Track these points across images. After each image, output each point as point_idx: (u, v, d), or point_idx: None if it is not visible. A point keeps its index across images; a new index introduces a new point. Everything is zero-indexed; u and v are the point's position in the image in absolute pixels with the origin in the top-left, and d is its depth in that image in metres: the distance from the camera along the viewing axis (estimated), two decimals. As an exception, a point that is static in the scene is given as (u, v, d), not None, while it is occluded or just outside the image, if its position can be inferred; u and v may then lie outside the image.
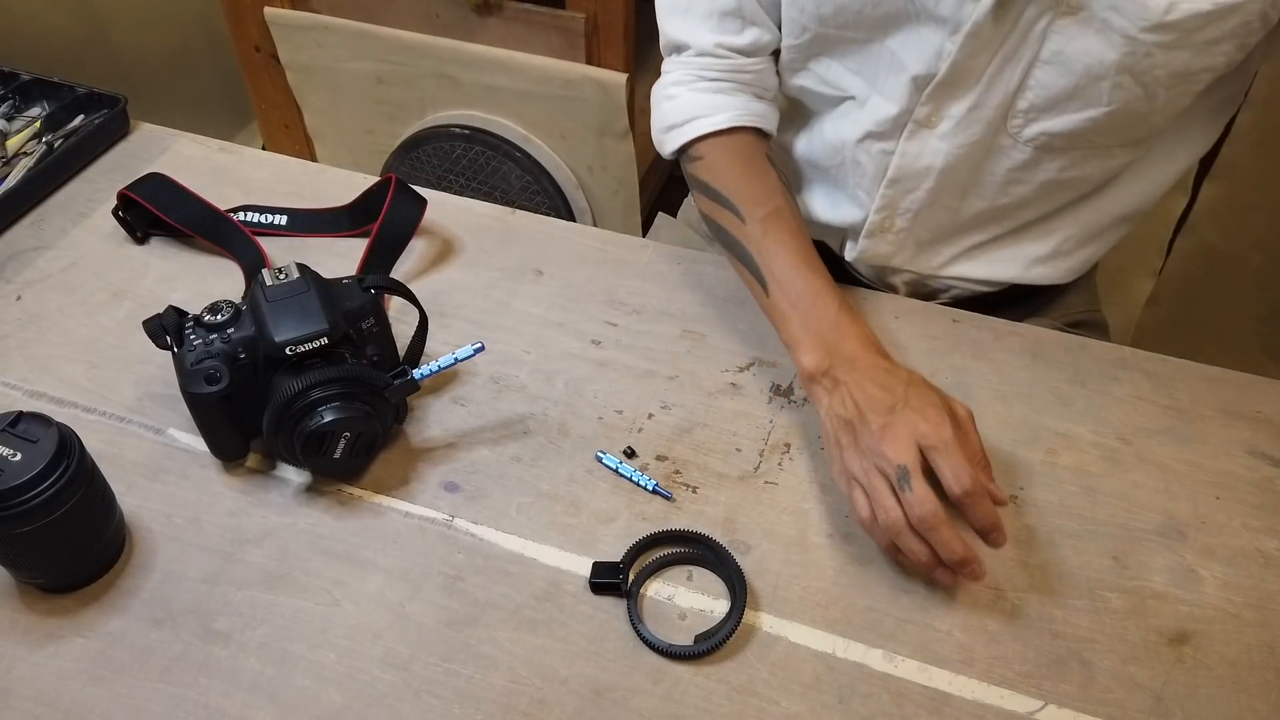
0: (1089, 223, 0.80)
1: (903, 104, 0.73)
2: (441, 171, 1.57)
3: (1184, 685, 0.58)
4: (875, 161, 0.77)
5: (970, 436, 0.62)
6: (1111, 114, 0.68)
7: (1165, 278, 1.53)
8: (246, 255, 0.83)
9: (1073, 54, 0.66)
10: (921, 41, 0.69)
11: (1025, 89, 0.69)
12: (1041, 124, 0.70)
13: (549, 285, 0.83)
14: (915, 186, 0.76)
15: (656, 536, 0.64)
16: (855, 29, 0.72)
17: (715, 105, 0.78)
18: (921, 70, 0.70)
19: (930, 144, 0.74)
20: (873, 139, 0.76)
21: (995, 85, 0.69)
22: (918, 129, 0.73)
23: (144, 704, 0.57)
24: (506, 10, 1.43)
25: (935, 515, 0.58)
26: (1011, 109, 0.70)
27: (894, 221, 0.80)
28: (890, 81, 0.73)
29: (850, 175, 0.80)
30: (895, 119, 0.74)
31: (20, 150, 0.94)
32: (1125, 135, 0.71)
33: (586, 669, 0.58)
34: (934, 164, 0.74)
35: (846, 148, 0.78)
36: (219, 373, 0.62)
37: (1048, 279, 0.83)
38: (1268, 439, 0.72)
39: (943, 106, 0.71)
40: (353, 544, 0.64)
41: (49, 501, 0.55)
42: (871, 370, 0.65)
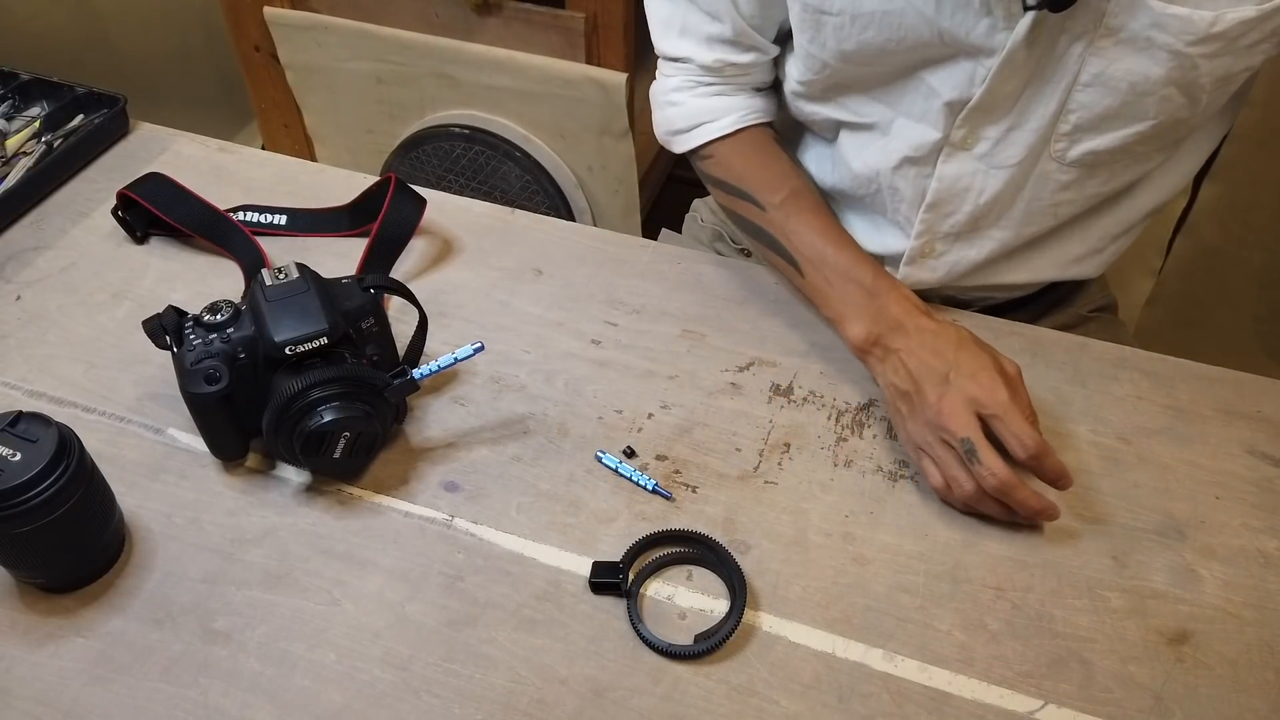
0: (1123, 220, 0.80)
1: (939, 129, 0.72)
2: (441, 171, 1.57)
3: (1183, 685, 0.58)
4: (913, 186, 0.76)
5: (1021, 393, 0.65)
6: (1157, 125, 0.67)
7: (1165, 278, 1.53)
8: (246, 255, 0.83)
9: (1115, 74, 0.65)
10: (954, 70, 0.68)
11: (1067, 112, 0.68)
12: (1086, 144, 0.69)
13: (549, 285, 0.83)
14: (955, 209, 0.75)
15: (656, 536, 0.64)
16: (880, 64, 0.71)
17: (719, 109, 0.79)
18: (955, 96, 0.69)
19: (968, 165, 0.73)
20: (909, 164, 0.75)
21: (1032, 107, 0.68)
22: (954, 151, 0.72)
23: (144, 704, 0.57)
24: (506, 10, 1.43)
25: (1008, 483, 0.61)
26: (1054, 133, 0.69)
27: (934, 247, 0.78)
28: (921, 107, 0.72)
29: (888, 202, 0.78)
30: (932, 144, 0.73)
31: (20, 150, 0.94)
32: (1166, 140, 0.71)
33: (586, 669, 0.58)
34: (973, 185, 0.73)
35: (882, 176, 0.77)
36: (219, 372, 0.62)
37: (1084, 275, 0.83)
38: (1268, 439, 0.72)
39: (979, 129, 0.71)
40: (353, 544, 0.64)
41: (49, 501, 0.55)
42: (920, 334, 0.67)
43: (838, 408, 0.73)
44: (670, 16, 0.78)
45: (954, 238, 0.77)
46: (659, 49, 0.81)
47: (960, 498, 0.64)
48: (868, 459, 0.70)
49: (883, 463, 0.70)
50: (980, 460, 0.62)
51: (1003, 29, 0.64)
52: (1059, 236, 0.79)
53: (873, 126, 0.76)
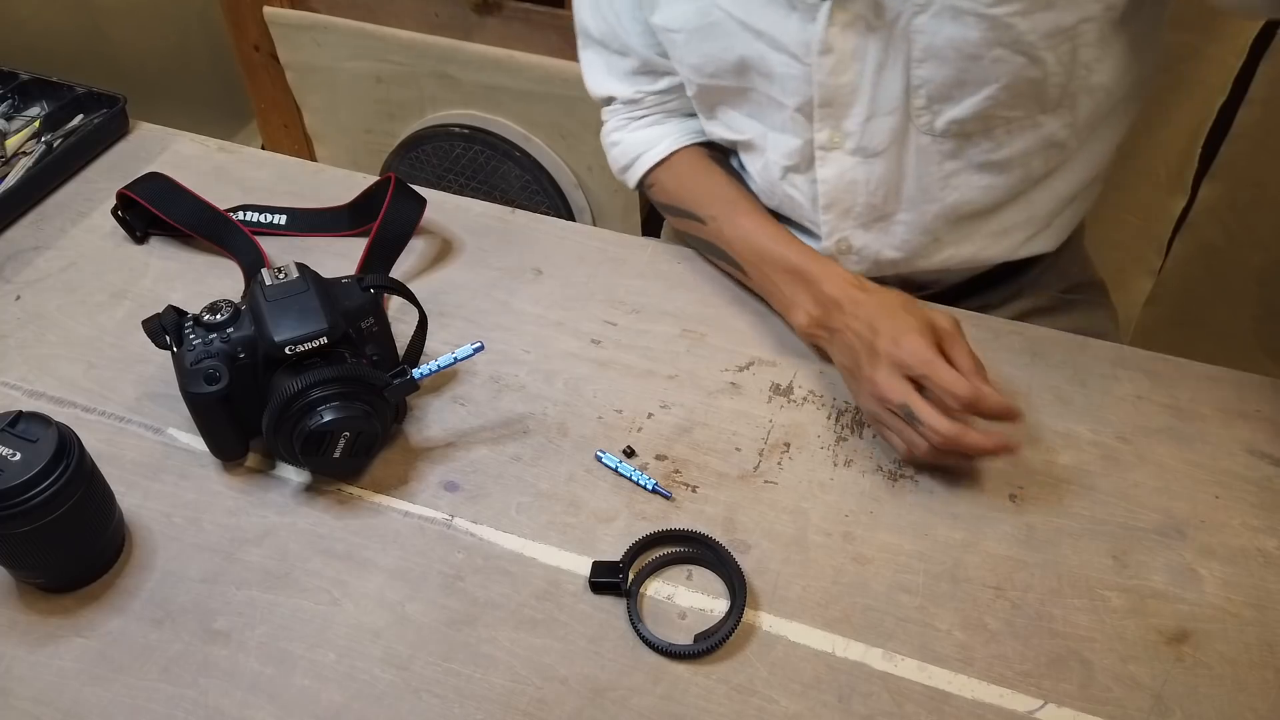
0: (1056, 193, 0.79)
1: (801, 135, 0.75)
2: (441, 171, 1.57)
3: (1183, 684, 0.58)
4: (804, 192, 0.79)
5: (959, 344, 0.65)
6: (1007, 87, 0.68)
7: (1165, 277, 1.53)
8: (246, 255, 0.83)
9: (940, 45, 0.67)
10: (786, 76, 0.72)
11: (915, 88, 0.70)
12: (948, 114, 0.70)
13: (548, 285, 0.83)
14: (851, 205, 0.77)
15: (656, 536, 0.64)
16: (727, 77, 0.75)
17: (652, 139, 0.85)
18: (799, 101, 0.73)
19: (845, 162, 0.75)
20: (792, 173, 0.79)
21: (881, 93, 0.70)
22: (826, 153, 0.75)
23: (144, 704, 0.57)
24: (506, 10, 1.43)
25: (951, 436, 0.62)
26: (912, 109, 0.71)
27: (849, 243, 0.80)
28: (778, 118, 0.76)
29: (793, 209, 0.82)
30: (801, 150, 0.76)
31: (19, 150, 0.94)
32: (1038, 103, 0.70)
33: (586, 668, 0.58)
34: (857, 178, 0.75)
35: (775, 185, 0.81)
36: (218, 372, 0.62)
37: (1036, 251, 0.83)
38: (1267, 438, 0.72)
39: (839, 125, 0.73)
40: (352, 543, 0.64)
41: (49, 501, 0.55)
42: (854, 306, 0.68)
43: (838, 407, 0.73)
44: (592, 63, 0.86)
45: (863, 230, 0.79)
46: (592, 95, 0.88)
47: (920, 456, 0.65)
48: (868, 459, 0.70)
49: (883, 463, 0.70)
50: (921, 421, 0.63)
51: (810, 22, 0.67)
52: (990, 216, 0.79)
53: (751, 144, 0.80)
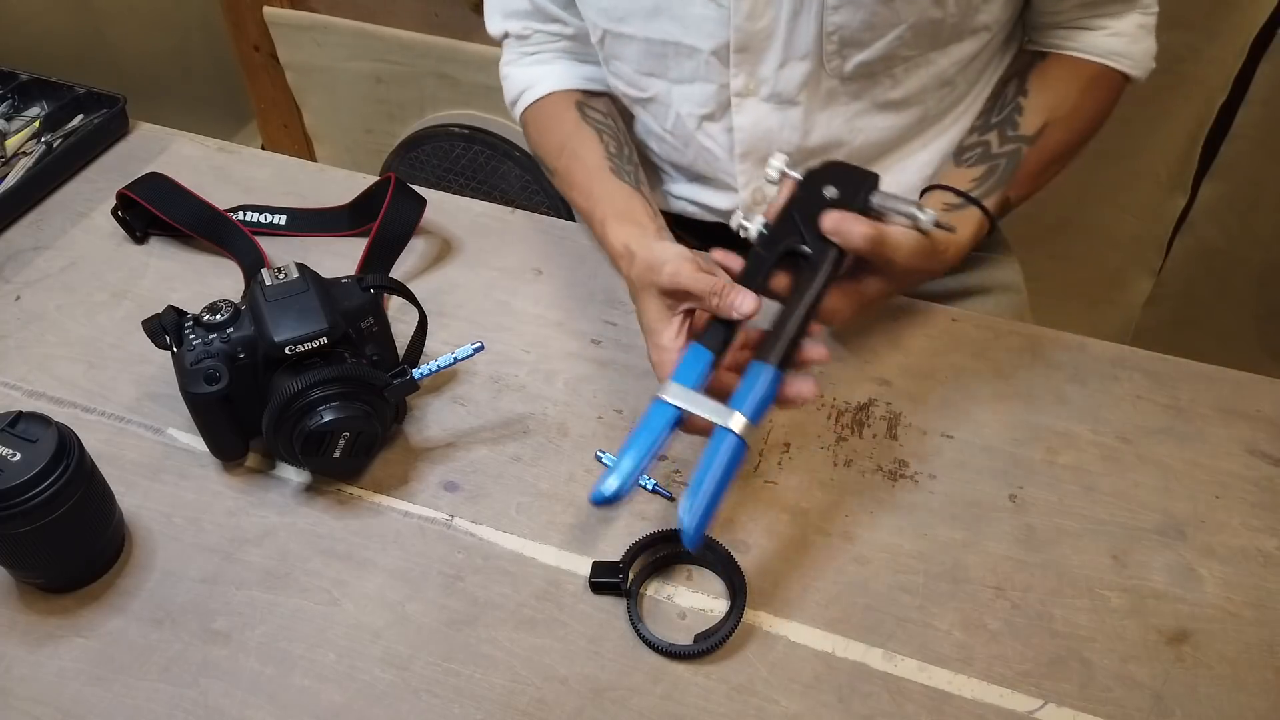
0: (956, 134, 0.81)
1: (715, 80, 0.76)
2: (441, 171, 1.57)
3: (1183, 684, 0.58)
4: (720, 142, 0.80)
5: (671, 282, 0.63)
6: (913, 27, 0.71)
7: (1165, 277, 1.53)
8: (246, 255, 0.83)
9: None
10: (702, 18, 0.73)
11: (828, 33, 0.71)
12: (856, 57, 0.73)
13: (548, 284, 0.83)
14: (767, 152, 0.77)
15: (656, 536, 0.64)
16: (633, 22, 0.75)
17: (534, 78, 0.86)
18: (714, 45, 0.74)
19: (760, 109, 0.76)
20: (707, 121, 0.79)
21: (795, 39, 0.72)
22: (742, 100, 0.76)
23: (143, 704, 0.57)
24: (506, 10, 1.42)
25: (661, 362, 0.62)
26: (824, 53, 0.73)
27: (764, 193, 0.81)
28: (690, 67, 0.76)
29: (709, 162, 0.82)
30: (715, 96, 0.77)
31: (19, 150, 0.94)
32: (932, 41, 0.74)
33: (586, 668, 0.58)
34: (772, 125, 0.77)
35: (690, 139, 0.81)
36: (218, 372, 0.62)
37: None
38: (1267, 438, 0.72)
39: (755, 71, 0.74)
40: (352, 544, 0.64)
41: (48, 501, 0.55)
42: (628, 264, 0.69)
43: (838, 408, 0.73)
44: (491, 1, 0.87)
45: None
46: (490, 33, 0.88)
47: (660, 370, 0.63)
48: (868, 459, 0.70)
49: (883, 463, 0.70)
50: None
51: None
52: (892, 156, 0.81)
53: (655, 99, 0.80)
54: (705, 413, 0.57)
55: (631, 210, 0.73)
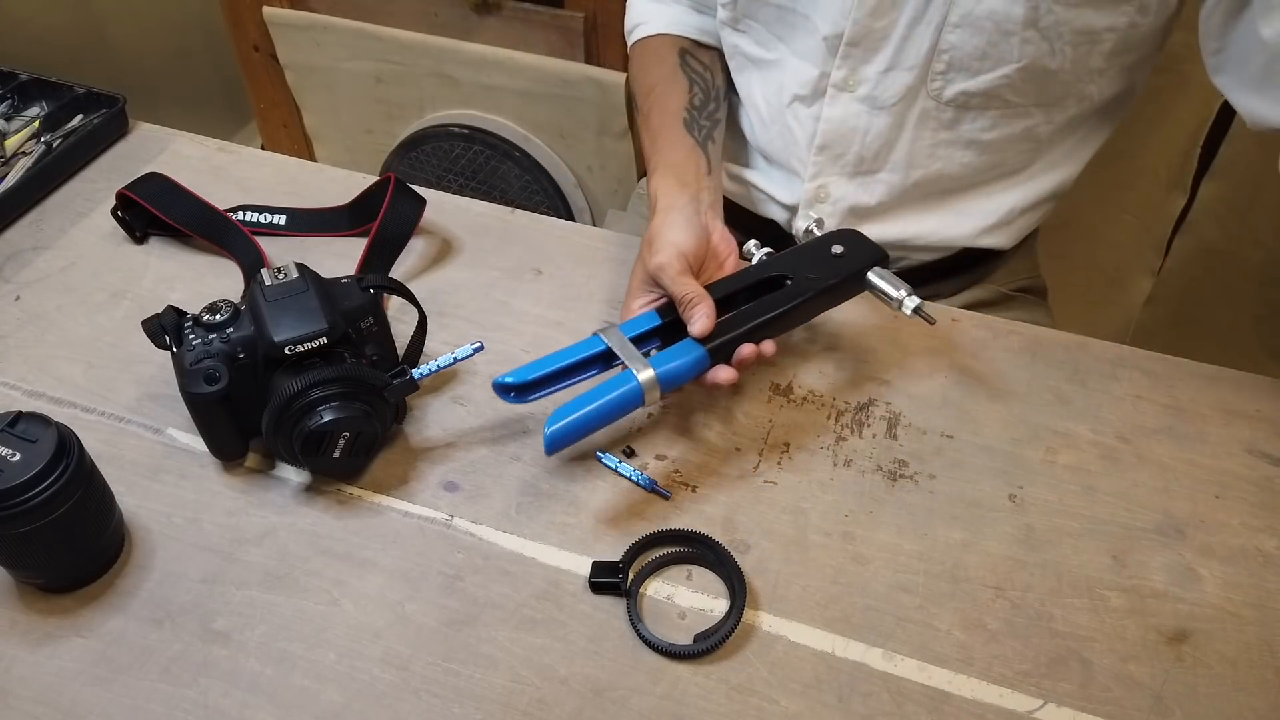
0: (1025, 194, 0.83)
1: (820, 66, 0.77)
2: (440, 171, 1.57)
3: (1183, 684, 0.58)
4: (804, 128, 0.81)
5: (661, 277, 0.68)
6: (1023, 69, 0.71)
7: (1165, 277, 1.53)
8: (245, 255, 0.83)
9: (980, 14, 0.69)
10: (829, 2, 0.74)
11: (940, 52, 0.72)
12: (960, 84, 0.74)
13: (548, 284, 0.83)
14: (844, 151, 0.80)
15: (656, 536, 0.64)
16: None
17: (651, 14, 0.87)
18: (830, 31, 0.75)
19: (852, 107, 0.78)
20: (799, 102, 0.80)
21: (907, 47, 0.73)
22: (837, 93, 0.78)
23: (143, 704, 0.57)
24: (505, 10, 1.43)
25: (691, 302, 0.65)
26: (930, 71, 0.74)
27: (828, 191, 0.83)
28: (806, 43, 0.78)
29: (786, 145, 0.83)
30: (815, 82, 0.78)
31: (19, 150, 0.94)
32: (1039, 94, 0.74)
33: (586, 668, 0.58)
34: (858, 125, 0.78)
35: (778, 114, 0.82)
36: (218, 372, 0.62)
37: (994, 244, 0.86)
38: (1267, 437, 0.72)
39: (858, 69, 0.76)
40: (352, 544, 0.64)
41: (48, 501, 0.55)
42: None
43: (837, 407, 0.73)
44: None
45: (845, 180, 0.82)
46: None
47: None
48: (867, 459, 0.70)
49: (882, 462, 0.70)
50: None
51: None
52: (957, 196, 0.83)
53: (772, 63, 0.81)
54: (625, 358, 0.64)
55: (682, 165, 0.75)
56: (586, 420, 0.62)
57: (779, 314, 0.67)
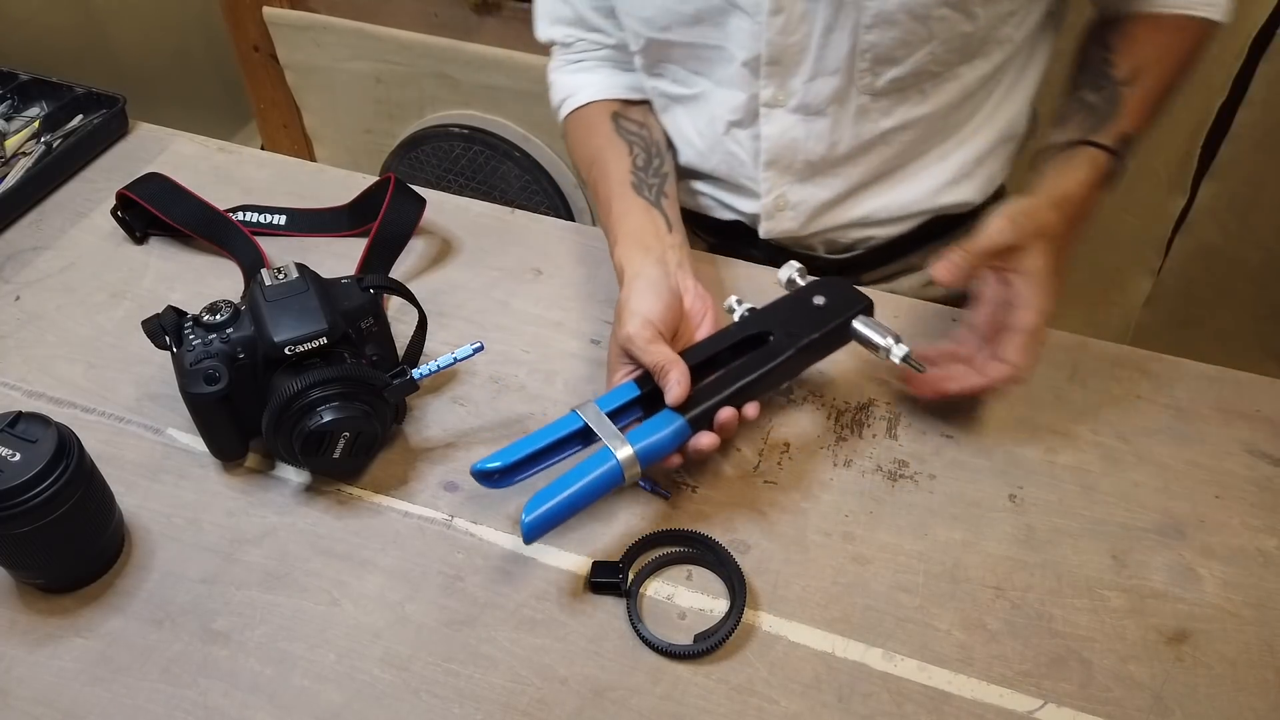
0: (979, 144, 0.83)
1: (747, 90, 0.77)
2: (440, 171, 1.57)
3: (1183, 684, 0.58)
4: (746, 149, 0.81)
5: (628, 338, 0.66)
6: (944, 42, 0.72)
7: (1165, 277, 1.53)
8: (245, 255, 0.83)
9: (893, 9, 0.70)
10: (738, 29, 0.74)
11: (861, 51, 0.72)
12: (888, 74, 0.74)
13: (548, 284, 0.83)
14: (792, 161, 0.80)
15: (656, 536, 0.64)
16: (678, 29, 0.77)
17: (576, 85, 0.87)
18: (748, 55, 0.75)
19: (788, 120, 0.78)
20: (735, 128, 0.81)
21: (827, 54, 0.73)
22: (770, 110, 0.78)
23: (143, 704, 0.57)
24: (505, 10, 1.43)
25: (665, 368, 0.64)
26: (855, 70, 0.74)
27: (786, 199, 0.83)
28: (727, 72, 0.78)
29: (733, 168, 0.84)
30: (746, 105, 0.78)
31: (19, 150, 0.94)
32: (961, 55, 0.75)
33: (586, 668, 0.58)
34: (799, 136, 0.78)
35: (716, 142, 0.83)
36: (218, 373, 0.62)
37: (962, 198, 0.85)
38: (1267, 437, 0.72)
39: (785, 83, 0.76)
40: (352, 544, 0.64)
41: (48, 501, 0.55)
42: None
43: (837, 407, 0.73)
44: (540, 8, 0.88)
45: (800, 185, 0.82)
46: (538, 38, 0.89)
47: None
48: (867, 459, 0.70)
49: (882, 462, 0.70)
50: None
51: None
52: (912, 165, 0.83)
53: (696, 98, 0.82)
54: (603, 436, 0.61)
55: (641, 230, 0.74)
56: (565, 505, 0.59)
57: (761, 374, 0.65)
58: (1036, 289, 0.65)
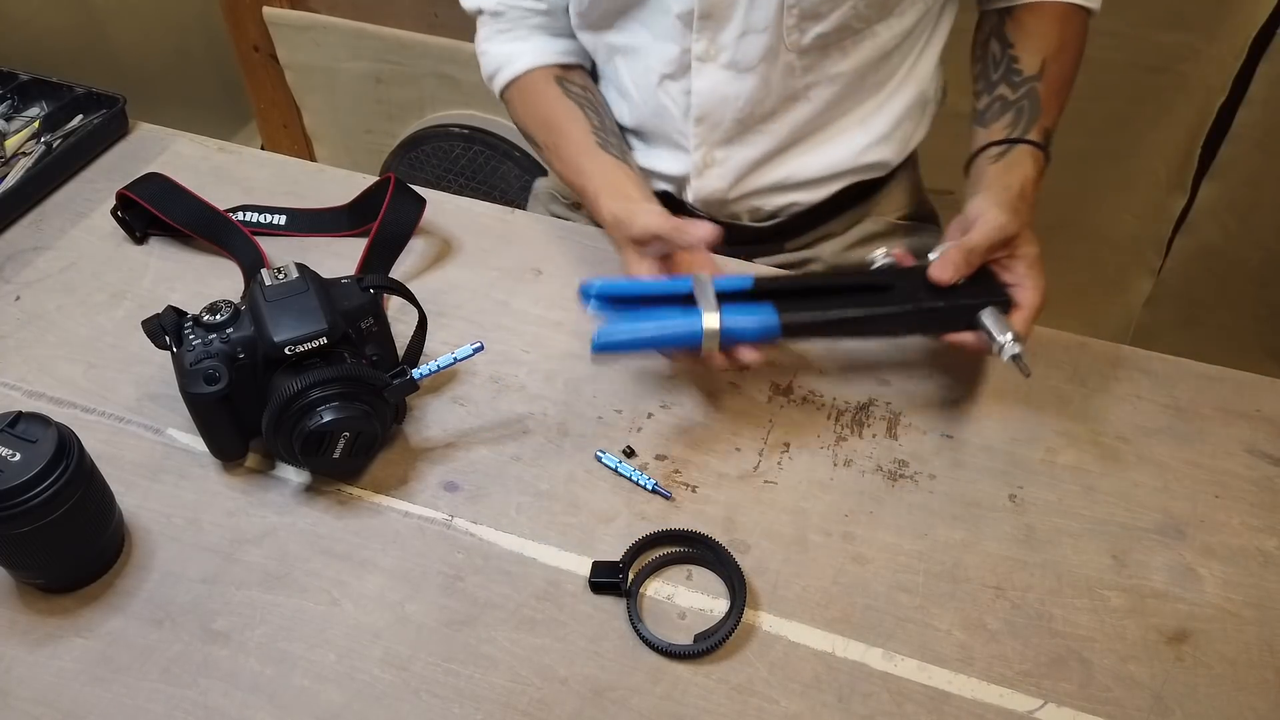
0: (896, 106, 0.85)
1: (680, 43, 0.79)
2: (440, 171, 1.57)
3: (1183, 684, 0.58)
4: (678, 103, 0.83)
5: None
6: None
7: (1165, 277, 1.53)
8: (245, 255, 0.83)
9: None
10: None
11: (788, 6, 0.75)
12: (814, 29, 0.76)
13: (548, 284, 0.83)
14: (721, 118, 0.82)
15: (656, 536, 0.64)
16: None
17: (510, 54, 0.87)
18: (682, 8, 0.77)
19: (718, 75, 0.80)
20: (668, 80, 0.82)
21: (755, 11, 0.75)
22: (701, 65, 0.79)
23: (143, 704, 0.57)
24: (505, 10, 1.42)
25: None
26: (783, 27, 0.76)
27: (713, 156, 0.84)
28: (663, 24, 0.80)
29: (664, 121, 0.85)
30: (679, 58, 0.80)
31: (19, 150, 0.94)
32: (879, 11, 0.78)
33: (586, 668, 0.58)
34: (728, 92, 0.80)
35: (650, 94, 0.84)
36: (218, 373, 0.62)
37: (881, 158, 0.87)
38: (1267, 437, 0.72)
39: (715, 37, 0.78)
40: (352, 544, 0.64)
41: (48, 501, 0.55)
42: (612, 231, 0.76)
43: (837, 407, 0.73)
44: None
45: (728, 143, 0.84)
46: (465, 7, 0.89)
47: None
48: (867, 458, 0.70)
49: (882, 462, 0.70)
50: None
51: None
52: (835, 125, 0.85)
53: (635, 49, 0.83)
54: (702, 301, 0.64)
55: (621, 184, 0.77)
56: (639, 337, 0.63)
57: (865, 316, 0.66)
58: (1035, 270, 0.68)
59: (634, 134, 0.89)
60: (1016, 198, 0.70)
